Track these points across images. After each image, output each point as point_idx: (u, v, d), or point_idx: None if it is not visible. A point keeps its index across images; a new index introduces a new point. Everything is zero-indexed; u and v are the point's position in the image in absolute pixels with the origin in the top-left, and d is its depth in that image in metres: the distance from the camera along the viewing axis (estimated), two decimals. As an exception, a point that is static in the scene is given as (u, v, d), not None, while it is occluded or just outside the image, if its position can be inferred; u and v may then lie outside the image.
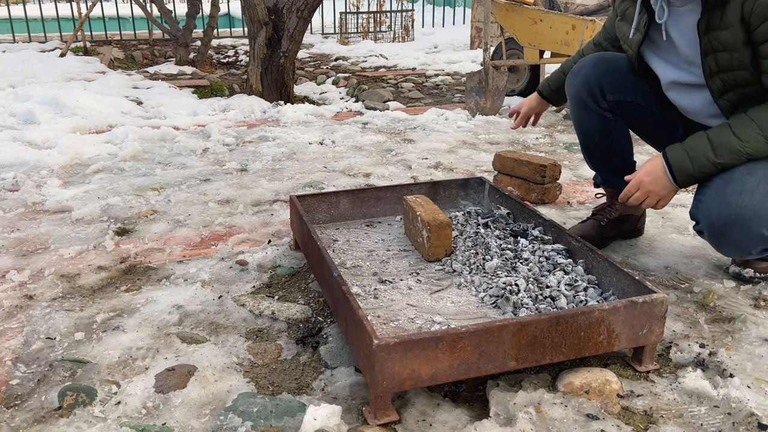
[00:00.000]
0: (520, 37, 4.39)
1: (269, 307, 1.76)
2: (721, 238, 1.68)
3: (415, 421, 1.33)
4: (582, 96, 1.96)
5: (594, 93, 1.94)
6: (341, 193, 2.19)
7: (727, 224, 1.63)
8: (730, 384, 1.42)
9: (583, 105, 1.97)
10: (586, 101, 1.96)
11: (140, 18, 7.91)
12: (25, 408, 1.38)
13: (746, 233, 1.63)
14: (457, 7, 10.41)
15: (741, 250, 1.71)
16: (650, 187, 1.70)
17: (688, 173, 1.65)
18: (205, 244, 2.24)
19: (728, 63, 1.61)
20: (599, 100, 1.94)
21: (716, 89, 1.68)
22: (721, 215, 1.63)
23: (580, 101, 1.98)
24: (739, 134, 1.60)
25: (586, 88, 1.95)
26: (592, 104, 1.96)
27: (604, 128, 1.98)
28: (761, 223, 1.61)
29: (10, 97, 4.32)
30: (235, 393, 1.43)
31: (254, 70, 4.73)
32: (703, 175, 1.65)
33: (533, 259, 1.81)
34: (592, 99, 1.95)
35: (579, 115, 2.02)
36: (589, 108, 1.96)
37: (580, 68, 1.98)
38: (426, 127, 3.91)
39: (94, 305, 1.81)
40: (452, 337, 1.30)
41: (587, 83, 1.95)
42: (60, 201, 2.61)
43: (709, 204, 1.66)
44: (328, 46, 8.08)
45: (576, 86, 1.97)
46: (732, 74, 1.63)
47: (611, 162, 2.06)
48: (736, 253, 1.74)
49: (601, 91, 1.94)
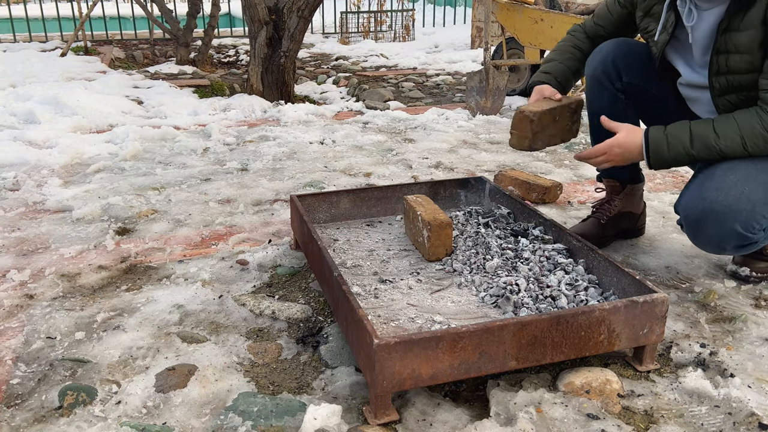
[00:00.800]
0: (520, 36, 4.38)
1: (270, 307, 1.76)
2: (696, 231, 1.71)
3: (416, 420, 1.33)
4: (598, 74, 1.98)
5: (610, 72, 1.96)
6: (342, 193, 2.19)
7: (701, 218, 1.66)
8: (731, 384, 1.42)
9: (598, 83, 1.99)
10: (601, 79, 1.97)
11: (141, 17, 7.91)
12: (25, 407, 1.39)
13: (720, 228, 1.64)
14: (458, 7, 10.40)
15: (715, 245, 1.72)
16: (617, 158, 1.74)
17: (663, 158, 1.68)
18: (206, 243, 2.24)
19: (738, 66, 1.63)
20: (614, 79, 1.96)
21: (718, 88, 1.69)
22: (696, 209, 1.66)
23: (595, 79, 1.99)
24: (719, 131, 1.62)
25: (603, 67, 1.97)
26: (606, 83, 1.97)
27: (614, 109, 1.97)
28: (735, 219, 1.62)
29: (11, 97, 4.32)
30: (235, 392, 1.43)
31: (255, 70, 4.73)
32: (676, 162, 1.68)
33: (534, 259, 1.81)
34: (607, 77, 1.97)
35: (593, 93, 2.03)
36: (603, 86, 1.98)
37: (602, 47, 2.00)
38: (426, 127, 3.91)
39: (95, 305, 1.81)
40: (453, 337, 1.30)
41: (605, 61, 1.96)
42: (60, 200, 2.61)
43: (688, 198, 1.70)
44: (328, 45, 8.08)
45: (594, 64, 1.99)
46: (739, 77, 1.64)
47: None
48: (711, 248, 1.76)
49: (617, 70, 1.95)
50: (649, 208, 2.48)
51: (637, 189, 2.18)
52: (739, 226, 1.63)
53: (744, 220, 1.62)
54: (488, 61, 4.16)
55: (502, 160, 3.22)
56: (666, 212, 2.48)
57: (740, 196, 1.60)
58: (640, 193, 2.20)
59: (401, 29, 8.79)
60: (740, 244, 1.69)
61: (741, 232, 1.64)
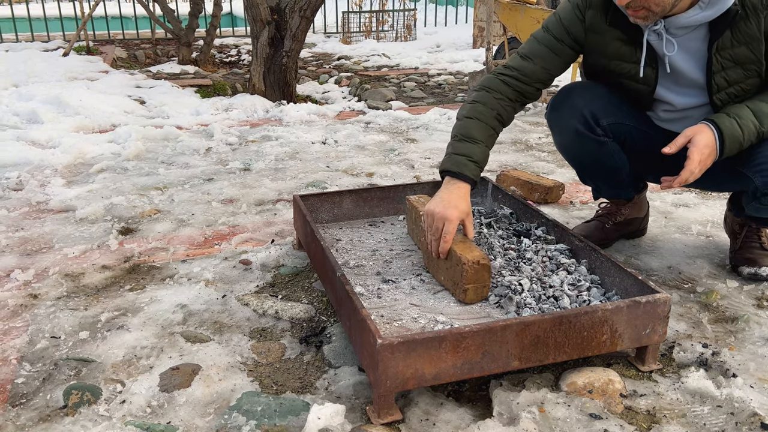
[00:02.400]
0: (522, 36, 4.39)
1: (273, 307, 1.77)
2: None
3: (419, 420, 1.34)
4: (574, 125, 1.85)
5: (587, 120, 1.84)
6: (344, 193, 2.19)
7: None
8: (733, 384, 1.43)
9: (576, 134, 1.86)
10: (580, 129, 1.85)
11: (143, 17, 7.92)
12: (30, 407, 1.39)
13: None
14: (460, 6, 10.40)
15: None
16: (708, 160, 1.63)
17: (738, 140, 1.63)
18: (209, 243, 2.24)
19: (739, 76, 1.65)
20: (593, 126, 1.84)
21: (720, 105, 1.70)
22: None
23: (572, 131, 1.86)
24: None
25: (577, 118, 1.84)
26: (586, 132, 1.85)
27: (602, 152, 1.89)
28: None
29: (14, 97, 4.33)
30: (239, 392, 1.43)
31: (257, 70, 4.73)
32: (748, 142, 1.64)
33: (536, 259, 1.81)
34: (586, 127, 1.84)
35: (572, 145, 1.92)
36: (584, 136, 1.85)
37: (562, 100, 1.89)
38: (428, 127, 3.92)
39: (99, 304, 1.82)
40: (455, 337, 1.31)
41: (577, 112, 1.84)
42: (64, 200, 2.62)
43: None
44: (330, 45, 8.09)
45: (566, 118, 1.86)
46: (740, 86, 1.66)
47: (615, 178, 1.99)
48: None
49: (594, 118, 1.83)
50: (652, 209, 2.48)
51: (642, 196, 2.18)
52: None
53: None
54: (490, 60, 4.16)
55: (504, 160, 3.22)
56: (668, 212, 2.48)
57: None
58: (644, 197, 2.20)
59: (403, 29, 8.79)
60: None
61: None
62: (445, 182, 1.73)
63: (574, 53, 1.83)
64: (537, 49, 1.81)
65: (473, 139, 1.74)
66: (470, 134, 1.75)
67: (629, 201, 2.13)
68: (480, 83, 1.84)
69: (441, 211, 1.65)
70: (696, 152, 1.60)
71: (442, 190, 1.71)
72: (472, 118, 1.77)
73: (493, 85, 1.80)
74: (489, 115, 1.77)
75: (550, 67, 1.81)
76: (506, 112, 1.80)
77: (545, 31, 1.81)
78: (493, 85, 1.80)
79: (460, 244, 1.68)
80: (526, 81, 1.80)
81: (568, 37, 1.79)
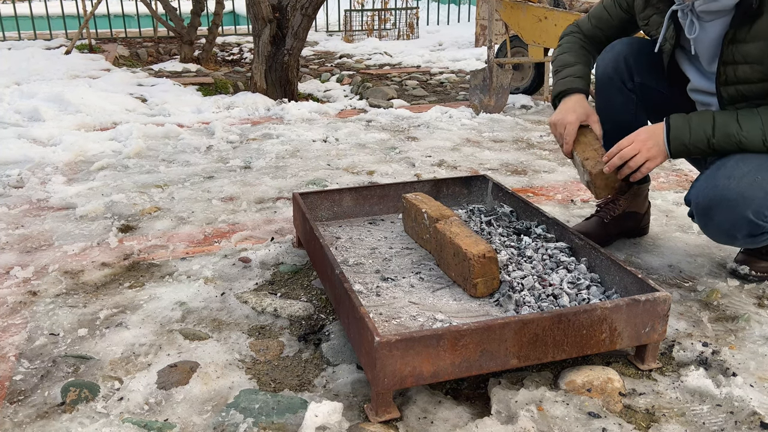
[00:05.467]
0: (524, 34, 4.38)
1: (272, 304, 1.77)
2: (707, 219, 1.70)
3: (417, 418, 1.33)
4: (610, 73, 1.95)
5: (622, 71, 1.93)
6: (344, 191, 2.19)
7: (712, 205, 1.65)
8: (733, 383, 1.42)
9: (610, 82, 1.96)
10: (614, 78, 1.95)
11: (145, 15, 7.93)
12: (28, 403, 1.39)
13: (731, 215, 1.64)
14: (462, 5, 10.39)
15: (725, 234, 1.71)
16: (643, 145, 1.70)
17: (683, 142, 1.67)
18: (209, 241, 2.24)
19: (747, 76, 1.63)
20: (626, 79, 1.94)
21: (727, 98, 1.69)
22: (707, 196, 1.66)
23: (607, 78, 1.96)
24: (742, 123, 1.62)
25: (615, 65, 1.94)
26: (618, 83, 1.95)
27: (626, 110, 1.96)
28: (747, 206, 1.61)
29: (16, 95, 4.33)
30: (237, 389, 1.43)
31: (258, 68, 4.73)
32: (695, 149, 1.67)
33: (536, 257, 1.81)
34: (620, 77, 1.94)
35: (604, 94, 2.00)
36: (615, 86, 1.96)
37: (613, 45, 1.98)
38: (430, 125, 3.91)
39: (98, 301, 1.82)
40: (454, 335, 1.30)
41: (617, 60, 1.94)
42: (64, 198, 2.62)
43: (699, 187, 1.70)
44: (332, 43, 8.08)
45: (606, 63, 1.96)
46: (751, 86, 1.64)
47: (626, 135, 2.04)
48: (721, 237, 1.74)
49: (629, 70, 1.93)
50: (653, 207, 2.47)
51: (642, 189, 2.17)
52: (751, 213, 1.61)
53: (756, 208, 1.61)
54: (492, 59, 4.15)
55: (506, 159, 3.22)
56: (669, 211, 2.47)
57: (753, 183, 1.60)
58: (645, 193, 2.19)
59: (405, 27, 8.78)
60: (751, 233, 1.67)
61: (753, 219, 1.62)
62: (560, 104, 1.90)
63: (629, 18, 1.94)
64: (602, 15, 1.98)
65: (571, 63, 1.93)
66: (567, 61, 1.95)
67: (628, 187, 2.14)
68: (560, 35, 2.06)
69: (559, 118, 1.86)
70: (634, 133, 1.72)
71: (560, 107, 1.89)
72: (565, 52, 1.98)
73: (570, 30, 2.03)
74: (578, 44, 1.98)
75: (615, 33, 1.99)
76: (591, 47, 2.00)
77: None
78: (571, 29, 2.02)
79: (466, 238, 1.69)
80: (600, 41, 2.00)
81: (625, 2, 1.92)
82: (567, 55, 1.97)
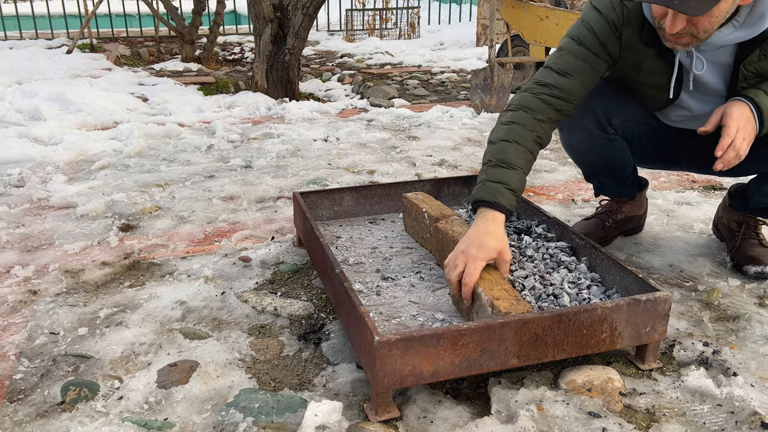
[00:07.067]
0: (525, 34, 4.37)
1: (272, 304, 1.77)
2: None
3: (416, 417, 1.33)
4: (586, 125, 1.84)
5: (599, 120, 1.83)
6: (345, 190, 2.19)
7: None
8: (734, 383, 1.42)
9: (588, 133, 1.85)
10: (592, 129, 1.84)
11: (146, 15, 7.93)
12: (28, 402, 1.39)
13: None
14: (463, 4, 10.39)
15: None
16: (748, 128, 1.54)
17: None
18: (209, 240, 2.24)
19: None
20: (605, 127, 1.84)
21: None
22: None
23: (584, 130, 1.85)
24: None
25: (590, 117, 1.82)
26: (599, 132, 1.85)
27: (612, 151, 1.90)
28: None
29: (17, 94, 4.34)
30: (236, 389, 1.43)
31: (259, 67, 4.73)
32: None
33: (537, 257, 1.80)
34: (599, 126, 1.84)
35: (582, 144, 1.91)
36: (596, 135, 1.85)
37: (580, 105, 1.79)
38: (431, 125, 3.91)
39: (98, 301, 1.82)
40: (454, 334, 1.30)
41: (590, 111, 1.81)
42: (65, 197, 2.62)
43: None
44: (333, 43, 8.08)
45: (578, 117, 1.80)
46: None
47: (621, 176, 2.01)
48: None
49: (606, 118, 1.83)
50: (654, 207, 2.47)
51: (643, 194, 2.17)
52: None
53: None
54: (493, 58, 4.15)
55: (506, 158, 3.21)
56: (670, 210, 2.47)
57: None
58: (644, 194, 2.19)
59: (406, 27, 8.78)
60: None
61: None
62: (477, 215, 1.58)
63: (608, 67, 1.72)
64: (574, 63, 1.67)
65: (510, 164, 1.59)
66: (507, 159, 1.59)
67: (631, 199, 2.13)
68: (514, 102, 1.69)
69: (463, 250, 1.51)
70: (731, 120, 1.52)
71: (473, 224, 1.57)
72: (510, 141, 1.61)
73: (531, 105, 1.65)
74: (528, 137, 1.62)
75: (588, 82, 1.68)
76: (546, 134, 1.66)
77: (578, 44, 1.68)
78: (532, 105, 1.65)
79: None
80: (566, 98, 1.66)
81: (604, 51, 1.68)
82: (511, 149, 1.61)
